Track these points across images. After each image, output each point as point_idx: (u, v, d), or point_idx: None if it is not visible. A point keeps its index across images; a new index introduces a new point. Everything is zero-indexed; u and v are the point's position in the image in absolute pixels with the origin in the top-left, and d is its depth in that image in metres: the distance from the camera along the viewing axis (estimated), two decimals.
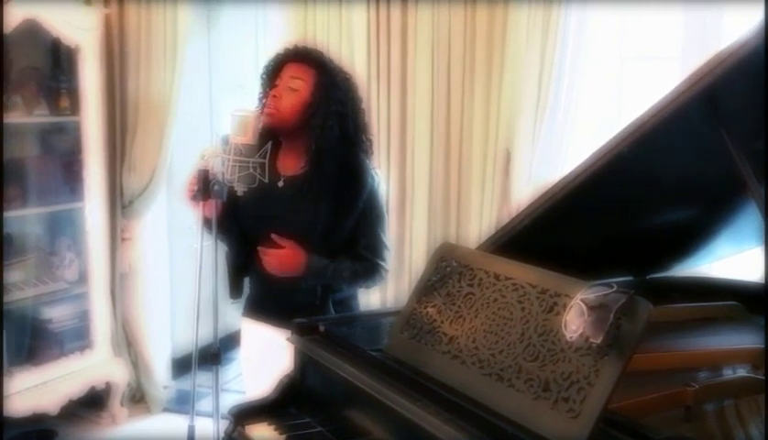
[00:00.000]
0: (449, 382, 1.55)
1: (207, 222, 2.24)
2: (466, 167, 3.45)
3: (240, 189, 2.12)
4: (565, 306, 1.41)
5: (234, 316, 2.60)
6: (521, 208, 1.95)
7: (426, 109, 3.46)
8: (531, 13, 3.23)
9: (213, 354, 2.19)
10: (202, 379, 2.47)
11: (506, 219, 3.29)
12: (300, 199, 2.31)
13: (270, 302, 2.41)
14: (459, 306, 1.64)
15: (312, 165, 2.31)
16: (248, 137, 2.10)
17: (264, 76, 2.37)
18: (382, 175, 2.50)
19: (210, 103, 4.81)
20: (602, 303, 1.31)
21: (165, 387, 4.23)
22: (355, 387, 1.67)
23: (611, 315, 1.29)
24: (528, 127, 3.31)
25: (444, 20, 3.38)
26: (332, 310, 2.36)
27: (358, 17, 3.47)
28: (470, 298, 1.63)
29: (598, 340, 1.29)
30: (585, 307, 1.32)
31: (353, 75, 2.43)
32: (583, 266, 2.16)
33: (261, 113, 2.24)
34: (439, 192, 3.50)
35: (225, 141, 2.20)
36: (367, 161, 2.40)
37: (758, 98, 1.50)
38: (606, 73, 3.53)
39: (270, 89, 2.32)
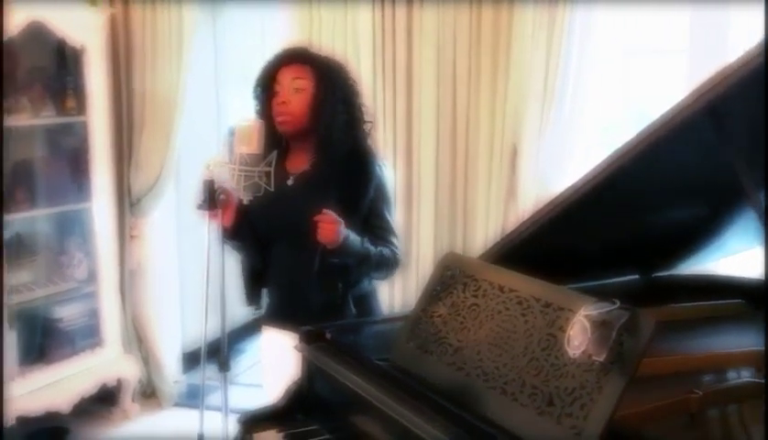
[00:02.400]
0: (454, 394, 1.57)
1: (224, 229, 2.28)
2: (473, 163, 3.46)
3: (246, 198, 2.14)
4: (568, 320, 1.42)
5: (242, 309, 2.61)
6: (527, 216, 1.95)
7: (432, 106, 3.46)
8: (536, 8, 3.22)
9: (222, 362, 2.21)
10: (212, 372, 2.49)
11: (512, 216, 3.35)
12: (310, 193, 2.33)
13: (290, 308, 2.41)
14: (464, 317, 1.66)
15: (320, 157, 2.35)
16: (253, 147, 2.12)
17: (259, 88, 2.39)
18: (389, 172, 2.53)
19: (216, 97, 4.81)
20: (605, 320, 1.32)
21: (176, 382, 4.27)
22: (361, 396, 1.68)
23: (614, 333, 1.30)
24: (534, 122, 3.31)
25: (450, 17, 3.37)
26: (352, 307, 2.37)
27: (364, 14, 3.47)
28: (475, 309, 1.64)
29: (601, 358, 1.30)
30: (588, 324, 1.33)
31: (344, 61, 2.48)
32: (590, 266, 2.19)
33: (268, 122, 2.26)
34: (446, 189, 3.51)
35: (231, 133, 2.22)
36: (373, 149, 2.46)
37: (760, 111, 1.50)
38: (612, 67, 3.51)
39: (270, 99, 2.35)
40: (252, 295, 2.50)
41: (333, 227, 2.22)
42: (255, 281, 2.50)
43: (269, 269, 2.46)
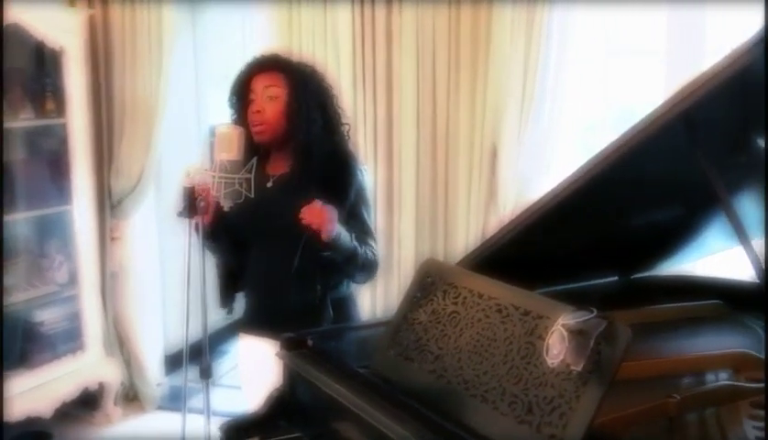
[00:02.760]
0: (435, 402, 1.57)
1: (198, 228, 2.27)
2: (453, 165, 3.47)
3: (226, 204, 2.14)
4: (546, 329, 1.43)
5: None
6: (506, 222, 1.97)
7: (412, 109, 3.46)
8: (515, 9, 3.23)
9: (204, 369, 2.21)
10: (194, 374, 2.47)
11: (493, 217, 3.37)
12: (289, 195, 2.33)
13: (267, 313, 2.41)
14: (444, 325, 1.67)
15: (299, 161, 2.35)
16: (233, 154, 2.12)
17: (233, 96, 2.40)
18: (370, 175, 2.54)
19: (197, 99, 4.80)
20: (582, 329, 1.33)
21: (158, 384, 4.26)
22: (342, 404, 1.69)
23: (591, 342, 1.31)
24: (513, 124, 3.32)
25: (429, 20, 3.38)
26: (330, 310, 2.37)
27: (343, 17, 3.47)
28: (455, 317, 1.65)
29: (579, 367, 1.31)
30: (566, 333, 1.34)
31: (317, 65, 2.49)
32: (569, 268, 2.21)
33: (246, 129, 2.26)
34: (426, 192, 3.52)
35: (212, 133, 2.22)
36: (354, 153, 2.46)
37: (730, 117, 1.53)
38: (591, 68, 3.54)
39: (245, 107, 2.35)
40: (226, 298, 2.49)
41: (322, 212, 2.21)
42: (229, 284, 2.49)
43: (247, 272, 2.46)
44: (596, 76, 3.56)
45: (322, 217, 2.21)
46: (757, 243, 2.14)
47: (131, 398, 4.20)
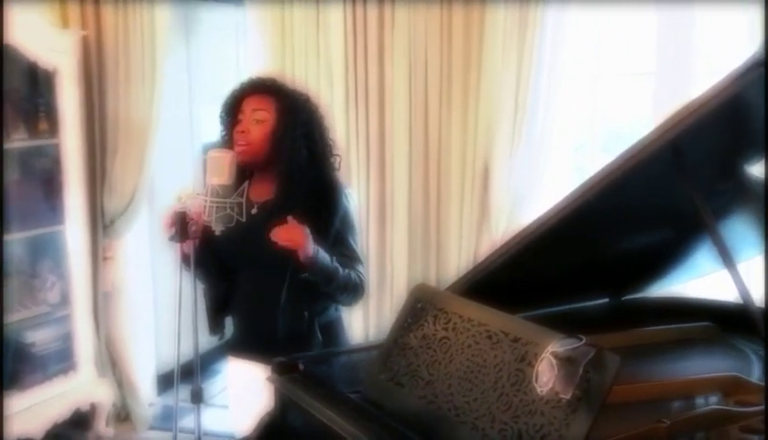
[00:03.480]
0: (426, 428, 1.58)
1: (186, 258, 2.25)
2: (445, 182, 3.48)
3: (218, 229, 2.14)
4: (536, 356, 1.44)
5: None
6: (497, 246, 1.98)
7: (404, 126, 3.48)
8: (506, 27, 3.25)
9: (195, 393, 2.20)
10: (186, 393, 2.46)
11: (485, 235, 3.38)
12: (274, 222, 2.31)
13: (256, 336, 2.41)
14: (435, 350, 1.67)
15: (283, 188, 2.35)
16: (225, 178, 2.12)
17: (224, 114, 2.40)
18: (362, 193, 2.54)
19: (190, 115, 4.81)
20: (571, 357, 1.34)
21: (150, 404, 4.25)
22: (333, 430, 1.69)
23: (580, 370, 1.32)
24: (505, 141, 3.33)
25: (421, 37, 3.40)
26: (318, 335, 2.37)
27: (336, 35, 3.49)
28: (445, 342, 1.66)
29: (568, 395, 1.32)
30: (555, 361, 1.35)
31: (312, 95, 2.48)
32: (560, 291, 2.22)
33: (233, 150, 2.26)
34: (419, 210, 3.52)
35: (205, 151, 2.23)
36: (339, 180, 2.45)
37: (720, 145, 1.54)
38: (580, 88, 3.56)
39: (233, 126, 2.35)
40: (215, 325, 2.49)
41: (294, 231, 2.21)
42: (218, 310, 2.49)
43: (234, 297, 2.46)
44: (585, 96, 3.58)
45: (294, 236, 2.21)
46: (752, 262, 2.18)
47: (123, 418, 4.18)
